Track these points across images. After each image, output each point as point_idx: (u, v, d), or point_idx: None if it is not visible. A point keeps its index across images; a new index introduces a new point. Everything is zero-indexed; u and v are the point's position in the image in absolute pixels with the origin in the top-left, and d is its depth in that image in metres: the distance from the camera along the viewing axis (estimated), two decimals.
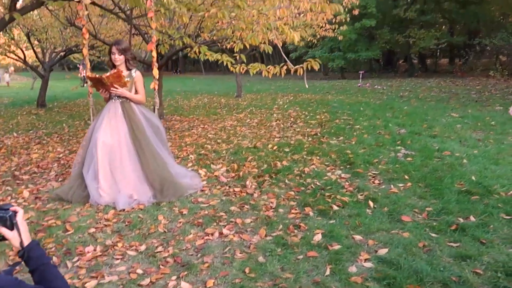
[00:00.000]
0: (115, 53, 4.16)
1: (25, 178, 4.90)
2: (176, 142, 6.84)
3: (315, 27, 11.83)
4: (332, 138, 6.88)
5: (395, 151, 5.71)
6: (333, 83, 23.16)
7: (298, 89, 18.85)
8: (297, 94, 15.87)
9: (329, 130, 7.64)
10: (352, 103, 12.01)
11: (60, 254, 3.00)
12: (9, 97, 17.58)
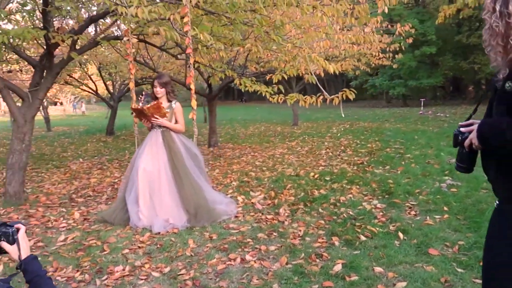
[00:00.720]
0: (157, 86, 4.52)
1: (80, 201, 5.35)
2: (223, 169, 7.09)
3: (369, 56, 11.80)
4: (378, 167, 6.78)
5: (440, 181, 5.51)
6: (394, 110, 22.62)
7: (357, 117, 18.65)
8: (354, 122, 15.71)
9: (377, 159, 7.52)
10: (408, 131, 11.68)
11: (92, 272, 3.27)
12: (85, 125, 19.12)
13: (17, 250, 1.59)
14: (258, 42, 5.83)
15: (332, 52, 9.20)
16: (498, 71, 1.53)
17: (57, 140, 13.20)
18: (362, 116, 19.18)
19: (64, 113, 30.37)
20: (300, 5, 4.76)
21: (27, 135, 5.20)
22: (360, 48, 10.59)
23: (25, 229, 1.66)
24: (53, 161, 8.77)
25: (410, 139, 9.98)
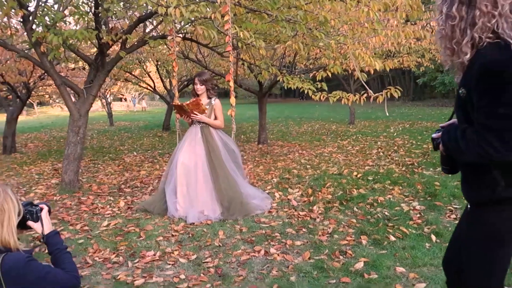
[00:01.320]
0: (197, 84, 4.69)
1: (127, 191, 5.68)
2: (267, 166, 7.17)
3: (433, 51, 11.35)
4: (429, 168, 6.52)
5: None
6: None
7: (421, 116, 17.93)
8: (416, 122, 15.12)
9: (430, 160, 7.22)
10: None
11: (126, 255, 3.49)
12: (145, 121, 20.07)
13: (40, 226, 1.80)
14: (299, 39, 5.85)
15: (387, 48, 8.92)
16: (455, 74, 1.53)
17: (117, 134, 14.00)
18: (427, 115, 18.39)
19: (127, 109, 32.04)
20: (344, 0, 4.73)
21: (81, 128, 5.61)
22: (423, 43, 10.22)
23: (48, 208, 1.87)
24: (110, 153, 9.34)
25: None
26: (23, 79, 8.80)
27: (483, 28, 1.39)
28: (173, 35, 4.82)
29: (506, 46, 1.36)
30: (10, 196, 1.72)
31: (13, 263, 1.62)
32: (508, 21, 1.36)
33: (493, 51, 1.39)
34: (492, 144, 1.36)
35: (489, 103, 1.37)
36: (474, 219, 1.62)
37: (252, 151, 9.14)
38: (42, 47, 5.11)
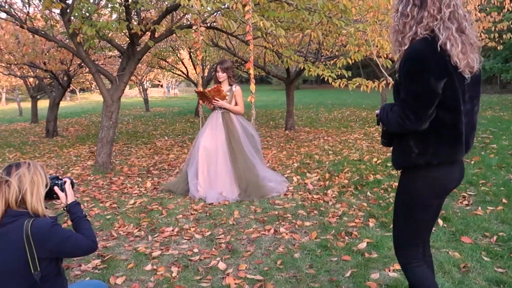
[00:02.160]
0: (219, 71, 4.92)
1: (155, 173, 6.04)
2: (291, 151, 7.36)
3: None
4: None
5: None
6: (505, 97, 20.70)
7: None
8: None
9: None
10: (508, 120, 10.78)
11: (148, 230, 3.82)
12: (179, 107, 20.61)
13: (65, 196, 2.10)
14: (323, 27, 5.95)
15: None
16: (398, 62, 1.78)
17: (152, 120, 14.54)
18: None
19: (164, 95, 32.85)
20: None
21: (114, 113, 5.98)
22: None
23: (70, 181, 2.16)
24: (143, 138, 9.80)
25: (504, 128, 9.26)
26: (63, 67, 9.34)
27: (426, 27, 1.69)
28: (198, 24, 5.05)
29: (431, 40, 1.65)
30: (39, 171, 2.03)
31: (40, 226, 1.91)
32: (444, 24, 1.66)
33: (420, 43, 1.68)
34: (408, 116, 1.69)
35: (409, 83, 1.69)
36: (399, 184, 1.95)
37: (279, 137, 9.33)
38: (78, 37, 5.49)
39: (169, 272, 2.98)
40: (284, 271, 2.96)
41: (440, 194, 1.89)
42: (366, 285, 2.70)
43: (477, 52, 1.72)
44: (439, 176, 1.82)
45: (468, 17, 1.72)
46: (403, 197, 1.94)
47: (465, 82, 1.70)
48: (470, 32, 1.71)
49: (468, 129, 1.77)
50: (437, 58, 1.65)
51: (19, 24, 5.79)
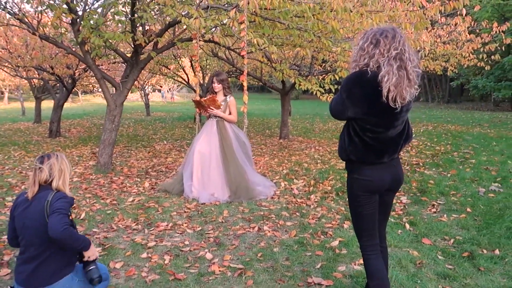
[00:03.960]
0: (215, 83, 5.38)
1: (153, 174, 6.47)
2: (282, 159, 7.79)
3: (458, 56, 11.56)
4: (432, 168, 6.95)
5: (485, 187, 5.61)
6: (496, 115, 21.10)
7: (450, 119, 17.96)
8: (441, 124, 15.27)
9: (436, 161, 7.63)
10: (492, 137, 11.24)
11: (144, 224, 4.24)
12: (179, 112, 21.07)
13: None
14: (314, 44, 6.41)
15: None
16: None
17: (152, 124, 14.99)
18: (456, 118, 18.39)
19: (164, 100, 33.36)
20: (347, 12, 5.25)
21: (117, 117, 6.42)
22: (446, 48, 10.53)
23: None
24: (143, 141, 10.24)
25: (486, 145, 9.70)
26: (70, 71, 9.80)
27: (375, 61, 2.16)
28: (197, 38, 5.51)
29: (365, 75, 2.16)
30: (65, 161, 2.56)
31: (59, 195, 2.42)
32: (389, 61, 2.12)
33: (356, 74, 2.23)
34: (330, 106, 2.36)
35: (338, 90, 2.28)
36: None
37: (272, 145, 9.77)
38: (86, 46, 5.94)
39: (162, 260, 3.40)
40: (263, 262, 3.38)
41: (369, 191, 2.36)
42: (332, 275, 3.13)
43: (413, 87, 2.17)
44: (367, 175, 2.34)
45: (412, 58, 2.18)
46: (348, 196, 2.49)
47: (395, 110, 2.15)
48: (412, 70, 2.16)
49: (388, 141, 2.30)
50: (358, 88, 2.21)
51: (31, 31, 6.24)
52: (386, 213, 2.55)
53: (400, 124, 2.28)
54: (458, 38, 10.60)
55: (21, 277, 2.54)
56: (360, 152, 2.29)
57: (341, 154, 2.41)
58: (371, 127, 2.22)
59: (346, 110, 2.25)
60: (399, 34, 2.16)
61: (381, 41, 2.14)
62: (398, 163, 2.43)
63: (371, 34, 2.19)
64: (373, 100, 2.15)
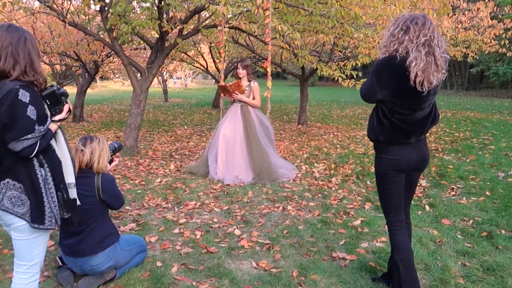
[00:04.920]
0: (240, 68, 5.53)
1: (177, 157, 6.69)
2: (302, 144, 7.94)
3: (479, 42, 11.47)
4: (450, 154, 7.03)
5: (503, 172, 5.69)
6: None
7: (469, 106, 17.81)
8: (460, 111, 15.19)
9: (455, 147, 7.69)
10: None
11: (174, 203, 4.46)
12: (196, 98, 21.30)
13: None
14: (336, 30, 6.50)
15: None
16: None
17: (171, 110, 15.23)
18: (475, 105, 18.20)
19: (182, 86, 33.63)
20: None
21: (142, 102, 6.63)
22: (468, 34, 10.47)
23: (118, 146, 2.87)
24: (164, 126, 10.48)
25: (506, 132, 9.69)
26: (94, 57, 10.03)
27: (404, 47, 2.27)
28: (222, 25, 5.65)
29: (395, 59, 2.28)
30: (105, 146, 2.77)
31: (107, 178, 2.65)
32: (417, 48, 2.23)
33: (385, 59, 2.34)
34: (360, 90, 2.51)
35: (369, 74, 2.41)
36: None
37: (291, 130, 9.92)
38: (114, 32, 6.13)
39: (193, 235, 3.61)
40: (289, 238, 3.57)
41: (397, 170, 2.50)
42: (355, 251, 3.30)
43: (441, 72, 2.28)
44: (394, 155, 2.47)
45: (441, 45, 2.29)
46: (375, 174, 2.63)
47: (422, 94, 2.27)
48: (440, 56, 2.27)
49: (415, 123, 2.41)
50: (387, 72, 2.33)
51: (61, 18, 6.44)
52: (412, 191, 2.69)
53: (427, 106, 2.40)
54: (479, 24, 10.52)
55: (68, 248, 2.79)
56: (388, 133, 2.42)
57: (370, 135, 2.54)
58: (399, 109, 2.35)
59: (375, 93, 2.38)
60: (429, 21, 2.27)
61: (411, 28, 2.25)
62: (425, 144, 2.56)
63: (402, 21, 2.31)
64: (401, 83, 2.28)
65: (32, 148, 1.89)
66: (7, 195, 1.93)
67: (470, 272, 2.92)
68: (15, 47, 1.90)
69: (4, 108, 1.85)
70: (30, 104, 1.89)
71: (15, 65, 1.89)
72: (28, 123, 1.88)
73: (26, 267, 2.10)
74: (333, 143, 8.11)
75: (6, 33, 1.91)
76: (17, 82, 1.89)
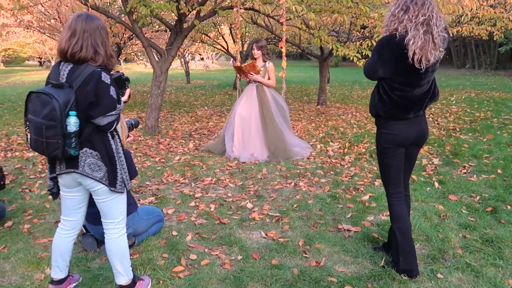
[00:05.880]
0: (255, 49, 5.65)
1: (196, 137, 6.92)
2: (319, 123, 8.05)
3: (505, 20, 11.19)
4: (468, 133, 7.02)
5: None
6: None
7: (495, 87, 17.41)
8: (484, 91, 14.88)
9: (473, 127, 7.65)
10: None
11: (191, 179, 4.69)
12: (219, 80, 21.50)
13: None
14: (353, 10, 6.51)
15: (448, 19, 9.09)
16: None
17: (192, 91, 15.48)
18: (502, 85, 17.75)
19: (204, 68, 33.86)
20: None
21: (162, 83, 6.85)
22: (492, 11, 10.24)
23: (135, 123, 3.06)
24: (185, 107, 10.73)
25: None
26: (117, 40, 10.31)
27: (403, 26, 2.37)
28: (238, 6, 5.77)
29: (394, 38, 2.38)
30: (124, 122, 2.97)
31: (125, 152, 2.86)
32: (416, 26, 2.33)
33: (385, 37, 2.46)
34: (364, 68, 2.63)
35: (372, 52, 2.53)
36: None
37: (310, 110, 10.01)
38: (134, 15, 6.32)
39: (208, 208, 3.83)
40: (298, 211, 3.75)
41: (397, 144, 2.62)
42: (361, 223, 3.45)
43: (438, 49, 2.38)
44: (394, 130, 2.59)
45: (439, 24, 2.38)
46: (376, 148, 2.77)
47: (420, 71, 2.38)
48: (438, 35, 2.36)
49: (414, 99, 2.51)
50: (387, 51, 2.43)
51: (83, 2, 6.67)
52: (411, 166, 2.81)
53: (426, 83, 2.51)
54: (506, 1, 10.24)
55: (91, 217, 3.03)
56: (388, 108, 2.55)
57: (371, 110, 2.67)
58: (398, 86, 2.47)
59: (377, 71, 2.50)
60: (428, 1, 2.36)
61: (411, 8, 2.35)
62: (424, 120, 2.68)
63: (403, 1, 2.41)
64: (400, 61, 2.39)
65: (113, 123, 2.20)
66: (87, 162, 2.20)
67: (469, 243, 3.04)
68: (94, 37, 2.15)
69: (90, 87, 2.11)
70: (111, 85, 2.17)
71: (95, 53, 2.15)
72: (111, 102, 2.16)
73: (114, 223, 2.39)
74: (350, 123, 8.18)
75: (85, 23, 2.15)
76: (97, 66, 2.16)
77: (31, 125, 2.13)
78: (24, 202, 3.98)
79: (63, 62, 2.19)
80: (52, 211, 3.77)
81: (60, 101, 2.05)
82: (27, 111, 2.17)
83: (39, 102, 2.09)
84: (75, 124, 2.09)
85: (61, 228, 2.45)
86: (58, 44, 2.18)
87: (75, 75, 2.13)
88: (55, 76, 2.17)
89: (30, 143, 2.18)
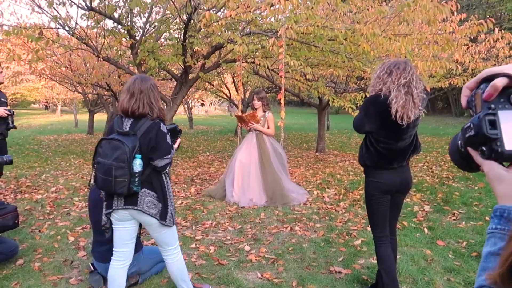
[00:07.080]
0: (255, 100, 6.04)
1: (198, 182, 7.18)
2: (317, 170, 8.33)
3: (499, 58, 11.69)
4: (460, 182, 7.28)
5: None
6: None
7: None
8: None
9: (467, 175, 7.91)
10: None
11: (192, 222, 4.91)
12: (221, 126, 21.98)
13: None
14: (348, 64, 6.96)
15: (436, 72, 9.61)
16: None
17: (195, 137, 15.89)
18: None
19: (206, 114, 34.57)
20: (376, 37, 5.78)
21: None
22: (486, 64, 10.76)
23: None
24: (187, 152, 11.05)
25: None
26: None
27: (387, 87, 2.71)
28: (240, 60, 6.22)
29: (379, 98, 2.69)
30: None
31: None
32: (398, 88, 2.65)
33: (372, 97, 2.77)
34: (353, 123, 2.94)
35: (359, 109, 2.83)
36: None
37: (308, 157, 10.31)
38: (143, 66, 6.77)
39: (208, 250, 4.05)
40: (293, 254, 3.96)
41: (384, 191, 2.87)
42: (352, 266, 3.66)
43: (418, 108, 2.71)
44: (380, 178, 2.85)
45: (418, 86, 2.72)
46: (365, 196, 3.02)
47: (402, 127, 2.69)
48: (417, 95, 2.70)
49: (397, 151, 2.78)
50: (373, 108, 2.73)
51: (95, 53, 7.16)
52: (397, 212, 3.07)
53: (408, 137, 2.82)
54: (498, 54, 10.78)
55: (99, 255, 3.26)
56: (374, 159, 2.84)
57: (360, 160, 2.97)
58: (383, 139, 2.78)
59: (364, 125, 2.82)
60: (409, 66, 2.72)
61: (394, 72, 2.70)
62: (407, 170, 2.97)
63: (387, 65, 2.77)
64: (384, 118, 2.71)
65: (167, 165, 2.62)
66: (145, 200, 2.59)
67: (452, 286, 3.24)
68: (148, 95, 2.59)
69: (152, 135, 2.55)
70: (168, 134, 2.64)
71: (151, 109, 2.59)
72: (168, 147, 2.61)
73: (172, 249, 2.83)
74: (347, 170, 8.46)
75: (140, 85, 2.59)
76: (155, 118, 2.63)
77: (100, 166, 2.51)
78: (34, 242, 4.20)
79: (124, 117, 2.63)
80: (60, 250, 3.98)
81: (129, 146, 2.45)
82: (95, 155, 2.58)
83: (110, 147, 2.49)
84: (140, 165, 2.49)
85: (115, 260, 2.76)
86: (120, 104, 2.63)
87: (137, 127, 2.56)
88: (120, 127, 2.60)
89: (96, 182, 2.56)
